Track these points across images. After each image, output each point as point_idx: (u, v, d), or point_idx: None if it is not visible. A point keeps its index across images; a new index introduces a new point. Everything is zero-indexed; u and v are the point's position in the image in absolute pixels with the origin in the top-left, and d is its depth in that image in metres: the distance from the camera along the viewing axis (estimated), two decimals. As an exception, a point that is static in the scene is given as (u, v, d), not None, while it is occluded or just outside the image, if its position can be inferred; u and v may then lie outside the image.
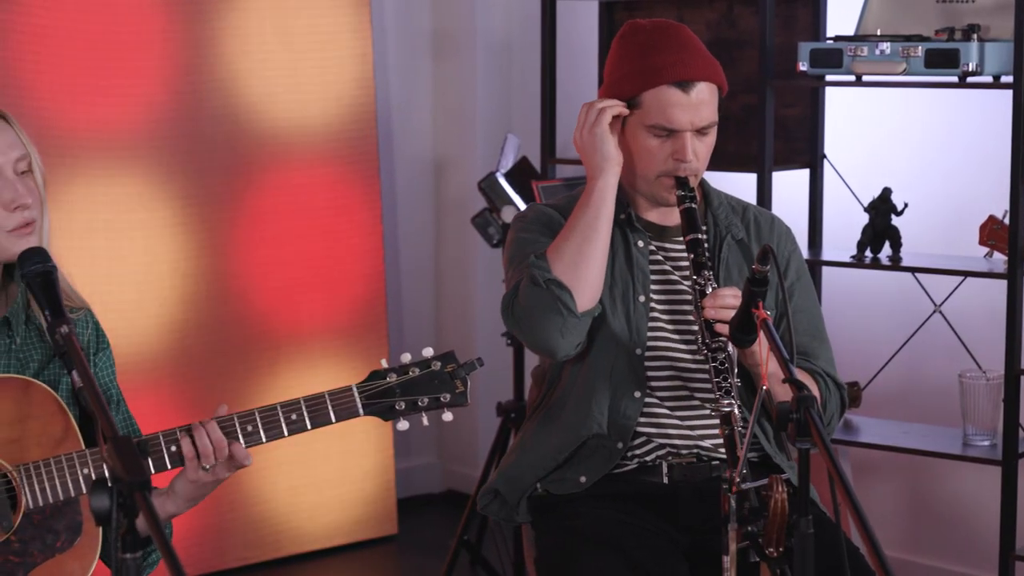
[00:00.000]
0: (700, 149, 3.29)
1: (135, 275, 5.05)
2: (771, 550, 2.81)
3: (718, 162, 3.39)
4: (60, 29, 4.83)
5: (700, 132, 3.28)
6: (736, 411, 3.08)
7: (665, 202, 3.34)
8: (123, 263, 5.02)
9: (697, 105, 3.26)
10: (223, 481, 2.95)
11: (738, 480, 2.84)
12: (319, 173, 5.39)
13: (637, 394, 3.30)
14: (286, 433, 2.93)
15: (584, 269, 3.25)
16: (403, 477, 5.87)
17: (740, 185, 4.72)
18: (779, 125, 4.79)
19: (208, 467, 2.89)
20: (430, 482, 6.15)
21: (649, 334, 3.33)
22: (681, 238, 3.36)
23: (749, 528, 2.86)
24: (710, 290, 3.16)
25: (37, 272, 2.79)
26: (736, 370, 3.15)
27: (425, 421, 3.00)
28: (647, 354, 3.32)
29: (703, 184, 3.43)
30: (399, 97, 5.94)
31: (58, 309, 2.73)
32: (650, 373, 3.32)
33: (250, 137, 5.24)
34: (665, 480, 3.30)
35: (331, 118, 5.40)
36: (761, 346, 3.06)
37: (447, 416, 3.00)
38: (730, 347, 3.12)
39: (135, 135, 5.01)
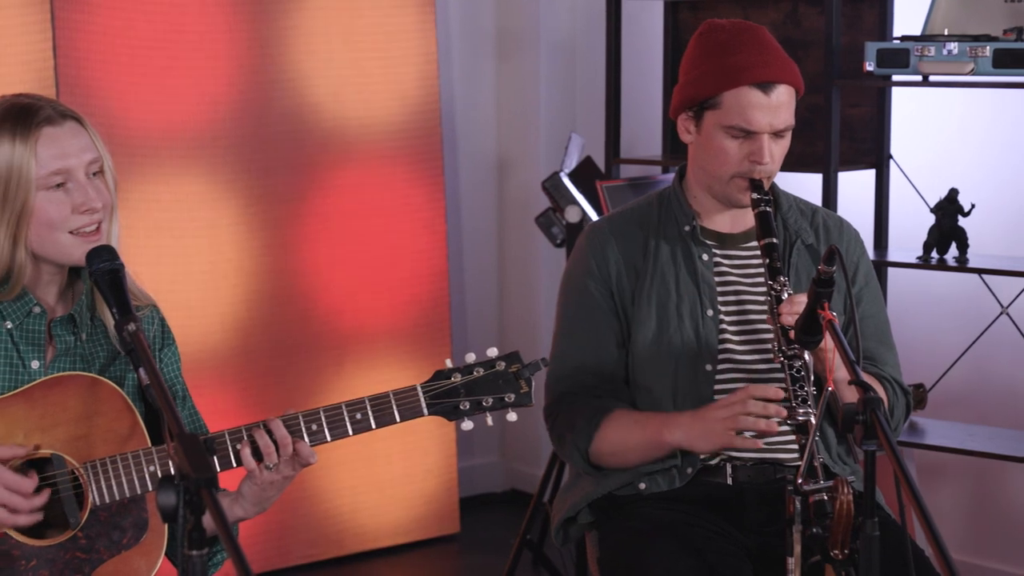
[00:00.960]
0: (776, 152, 3.27)
1: (200, 274, 5.07)
2: (836, 552, 2.80)
3: (783, 162, 3.36)
4: (128, 28, 4.86)
5: (777, 135, 3.26)
6: (812, 420, 3.06)
7: (738, 203, 3.31)
8: (188, 262, 5.04)
9: (776, 107, 3.24)
10: (290, 481, 2.96)
11: (801, 483, 2.84)
12: (383, 172, 5.40)
13: None
14: (351, 432, 2.94)
15: (617, 466, 3.30)
16: (466, 476, 5.87)
17: (805, 185, 4.70)
18: (845, 125, 4.76)
19: (271, 466, 2.89)
20: (492, 481, 6.15)
21: (719, 346, 3.31)
22: (747, 243, 3.34)
23: (814, 530, 2.85)
24: (785, 296, 3.14)
25: (105, 270, 2.80)
26: (812, 378, 3.13)
27: (490, 421, 3.00)
28: (718, 367, 3.30)
29: (773, 187, 3.41)
30: (463, 96, 5.94)
31: (125, 307, 2.74)
32: (718, 387, 3.30)
33: (315, 136, 5.25)
34: (729, 481, 3.29)
35: (395, 117, 5.40)
36: (827, 347, 3.05)
37: (511, 416, 3.00)
38: (807, 355, 3.10)
39: (200, 134, 5.03)
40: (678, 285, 3.32)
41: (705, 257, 3.34)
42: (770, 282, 3.16)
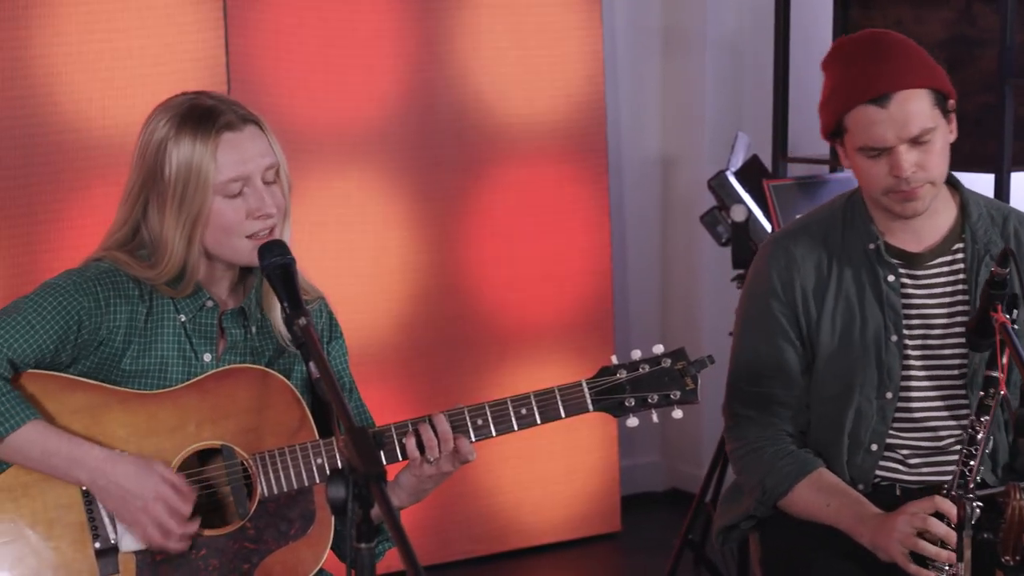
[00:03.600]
0: (922, 158, 3.12)
1: (365, 269, 5.12)
2: (1007, 558, 2.75)
3: (952, 161, 3.25)
4: (300, 26, 4.93)
5: (915, 142, 3.11)
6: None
7: (903, 214, 3.21)
8: (353, 257, 5.09)
9: (902, 117, 3.10)
10: (447, 477, 2.97)
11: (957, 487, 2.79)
12: (548, 170, 5.40)
13: (875, 447, 3.23)
14: (516, 427, 2.95)
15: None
16: (627, 474, 5.85)
17: (976, 185, 4.62)
18: (1019, 124, 4.67)
19: (432, 460, 2.91)
20: (653, 480, 6.13)
21: (902, 373, 3.23)
22: (934, 262, 3.24)
23: (985, 535, 2.80)
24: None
25: (277, 265, 2.83)
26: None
27: (655, 418, 2.99)
28: (899, 394, 3.23)
29: (961, 192, 3.28)
30: (628, 95, 5.93)
31: (296, 301, 2.77)
32: (899, 415, 3.23)
33: (480, 133, 5.28)
34: (898, 492, 3.24)
35: (560, 115, 5.41)
36: (999, 351, 2.98)
37: (677, 413, 2.98)
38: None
39: (368, 130, 5.08)
40: (862, 308, 3.23)
41: (891, 278, 3.23)
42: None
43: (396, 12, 5.09)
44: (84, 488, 2.84)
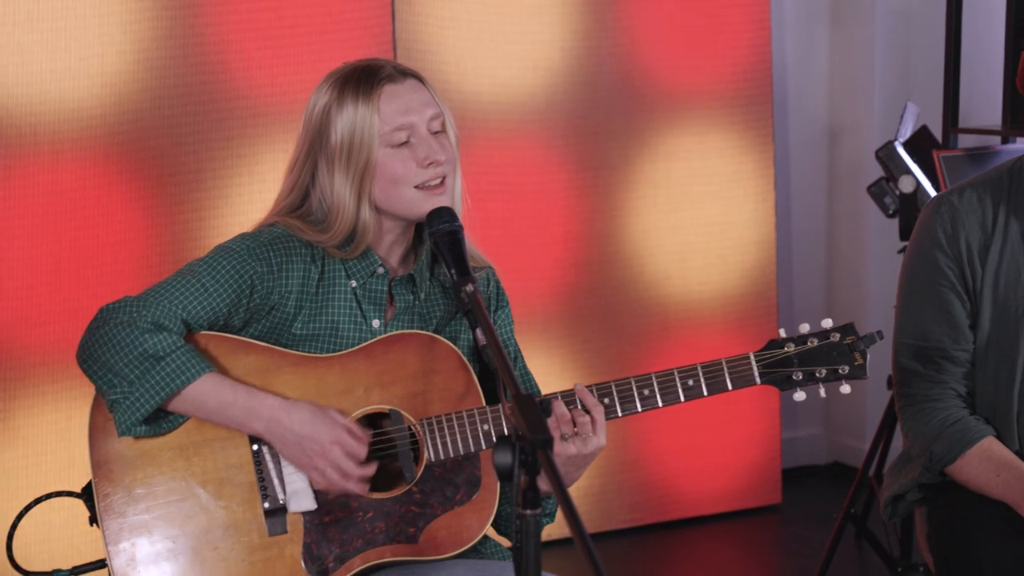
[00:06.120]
0: None
1: (528, 238, 5.13)
2: None
3: None
4: (469, -5, 4.95)
5: None
6: None
7: None
8: (517, 226, 5.10)
9: None
10: (585, 462, 2.93)
11: None
12: (713, 139, 5.37)
13: None
14: (682, 399, 2.94)
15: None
16: (788, 447, 5.82)
17: None
18: None
19: (566, 436, 2.90)
20: (815, 453, 6.08)
21: None
22: None
23: None
24: None
25: (445, 231, 2.86)
26: None
27: (822, 392, 2.97)
28: None
29: None
30: (795, 63, 5.87)
31: (464, 268, 2.79)
32: None
33: (645, 102, 5.26)
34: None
35: (726, 84, 5.37)
36: None
37: (845, 388, 2.96)
38: None
39: (534, 99, 5.09)
40: None
41: None
42: None
43: (562, -20, 5.08)
44: (255, 447, 2.89)
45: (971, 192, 3.27)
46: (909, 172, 4.68)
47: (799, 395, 2.96)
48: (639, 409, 2.94)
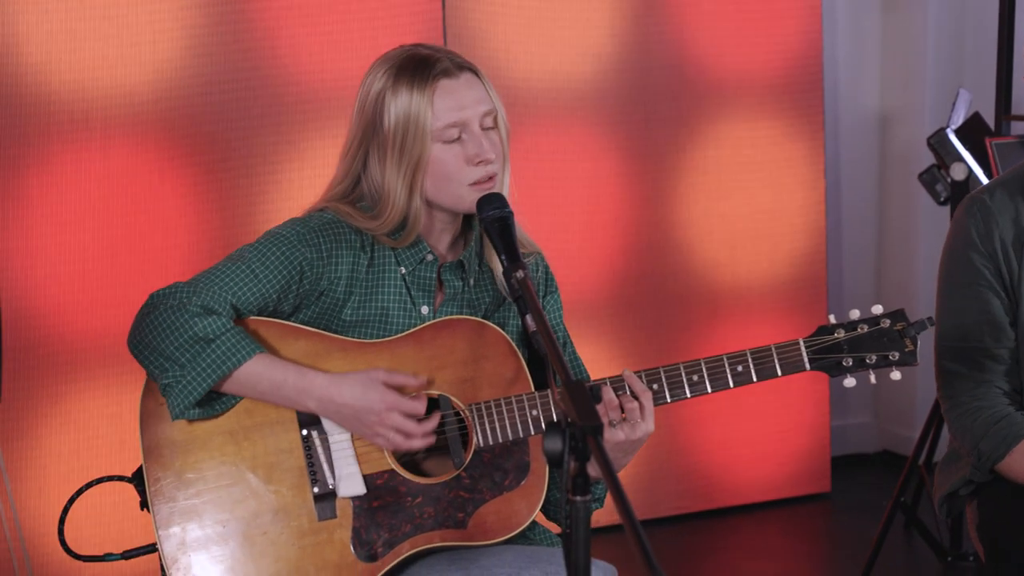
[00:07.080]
0: None
1: (578, 224, 5.13)
2: None
3: None
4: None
5: None
6: None
7: None
8: (567, 212, 5.10)
9: None
10: (630, 448, 2.92)
11: None
12: (763, 126, 5.35)
13: None
14: (731, 384, 2.93)
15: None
16: (838, 435, 5.80)
17: None
18: None
19: (614, 423, 2.89)
20: (865, 441, 6.06)
21: None
22: None
23: None
24: None
25: (495, 217, 2.85)
26: None
27: (873, 379, 2.95)
28: None
29: None
30: (846, 49, 5.84)
31: (514, 254, 2.78)
32: None
33: (695, 89, 5.25)
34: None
35: (776, 71, 5.35)
36: None
37: (895, 375, 2.95)
38: None
39: (584, 86, 5.08)
40: None
41: None
42: None
43: (613, -34, 5.08)
44: (304, 432, 2.90)
45: (1001, 190, 3.26)
46: (961, 159, 4.65)
47: (849, 381, 2.95)
48: (688, 395, 2.93)
